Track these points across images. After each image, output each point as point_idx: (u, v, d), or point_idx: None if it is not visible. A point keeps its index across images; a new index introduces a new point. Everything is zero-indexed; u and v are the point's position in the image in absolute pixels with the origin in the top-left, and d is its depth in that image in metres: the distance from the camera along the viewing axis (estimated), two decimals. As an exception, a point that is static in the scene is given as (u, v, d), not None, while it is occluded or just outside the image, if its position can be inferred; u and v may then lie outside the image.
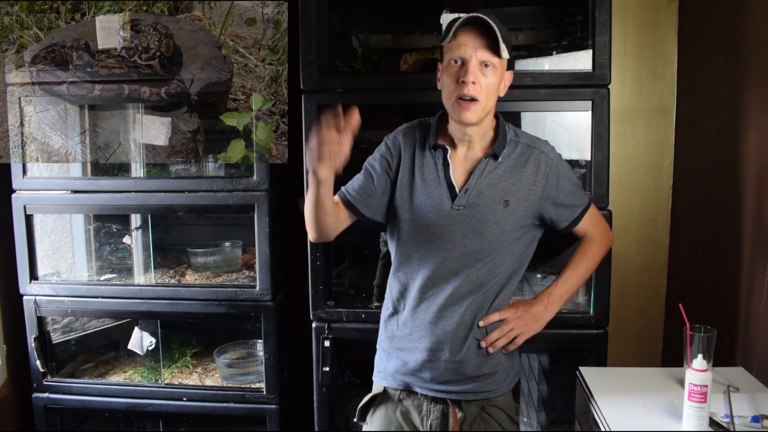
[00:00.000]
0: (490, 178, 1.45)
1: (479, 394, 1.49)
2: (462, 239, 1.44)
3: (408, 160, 1.49)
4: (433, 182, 1.46)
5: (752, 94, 1.78)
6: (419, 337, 1.48)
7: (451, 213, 1.44)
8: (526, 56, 2.07)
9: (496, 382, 1.51)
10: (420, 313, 1.48)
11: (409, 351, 1.49)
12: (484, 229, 1.43)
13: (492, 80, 1.38)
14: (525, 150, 1.48)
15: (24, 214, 2.21)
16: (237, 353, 2.40)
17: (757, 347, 1.72)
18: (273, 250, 2.09)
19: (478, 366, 1.48)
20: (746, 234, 1.80)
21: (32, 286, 2.26)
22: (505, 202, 1.44)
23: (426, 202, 1.46)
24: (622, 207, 2.36)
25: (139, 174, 2.26)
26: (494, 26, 1.33)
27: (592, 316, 1.92)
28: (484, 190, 1.44)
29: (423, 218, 1.46)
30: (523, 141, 1.49)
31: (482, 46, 1.36)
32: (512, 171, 1.46)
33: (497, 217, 1.44)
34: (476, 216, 1.44)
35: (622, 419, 1.39)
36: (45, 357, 2.28)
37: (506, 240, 1.46)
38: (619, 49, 2.29)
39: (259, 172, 2.06)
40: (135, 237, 2.42)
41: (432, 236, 1.45)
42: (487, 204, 1.44)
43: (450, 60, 1.39)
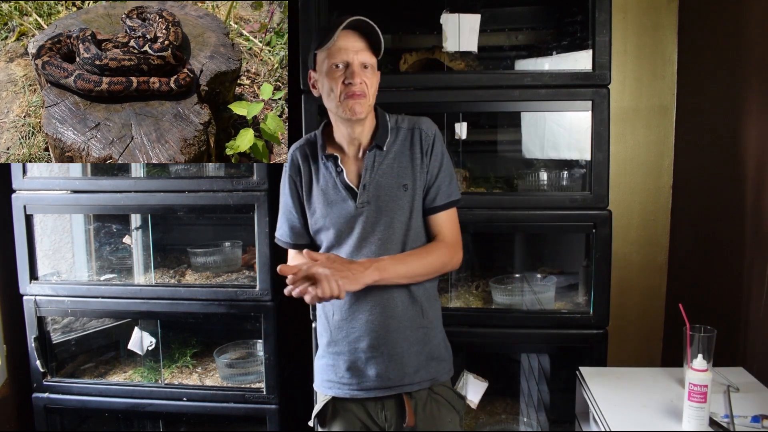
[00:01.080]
0: (382, 168, 1.47)
1: (424, 384, 1.50)
2: (374, 233, 1.46)
3: (306, 176, 1.53)
4: (333, 190, 1.49)
5: (752, 94, 1.78)
6: (357, 338, 1.49)
7: (358, 212, 1.46)
8: (526, 56, 2.07)
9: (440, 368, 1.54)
10: (355, 314, 1.48)
11: (348, 353, 1.50)
12: (392, 219, 1.46)
13: (372, 80, 1.44)
14: (407, 133, 1.51)
15: (24, 214, 2.21)
16: (237, 353, 2.40)
17: (757, 347, 1.72)
18: (273, 250, 2.09)
19: (417, 353, 1.49)
20: (746, 234, 1.80)
21: (32, 286, 2.26)
22: (404, 186, 1.47)
23: (332, 211, 1.48)
24: (622, 207, 2.37)
25: (139, 174, 2.26)
26: (377, 29, 1.39)
27: (592, 316, 1.92)
28: (381, 182, 1.47)
29: (334, 225, 1.48)
30: (405, 125, 1.52)
31: (363, 48, 1.41)
32: (401, 155, 1.49)
33: (401, 204, 1.46)
34: (381, 208, 1.46)
35: (622, 419, 1.39)
36: (45, 357, 2.28)
37: (414, 223, 1.48)
38: (619, 49, 2.29)
39: (259, 172, 2.06)
40: (135, 237, 2.42)
41: (348, 239, 1.47)
42: (387, 193, 1.46)
43: (331, 65, 1.41)
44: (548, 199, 1.95)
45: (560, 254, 2.31)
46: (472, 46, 1.91)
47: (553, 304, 2.05)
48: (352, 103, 1.40)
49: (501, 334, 1.96)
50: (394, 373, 1.47)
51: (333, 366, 1.54)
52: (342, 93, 1.41)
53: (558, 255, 2.31)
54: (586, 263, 2.00)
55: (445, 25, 1.90)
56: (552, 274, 2.16)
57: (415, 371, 1.49)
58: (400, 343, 1.47)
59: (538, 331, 1.96)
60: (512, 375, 2.34)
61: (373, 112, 1.52)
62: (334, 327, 1.52)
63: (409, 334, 1.48)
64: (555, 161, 2.06)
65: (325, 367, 1.57)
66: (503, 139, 2.25)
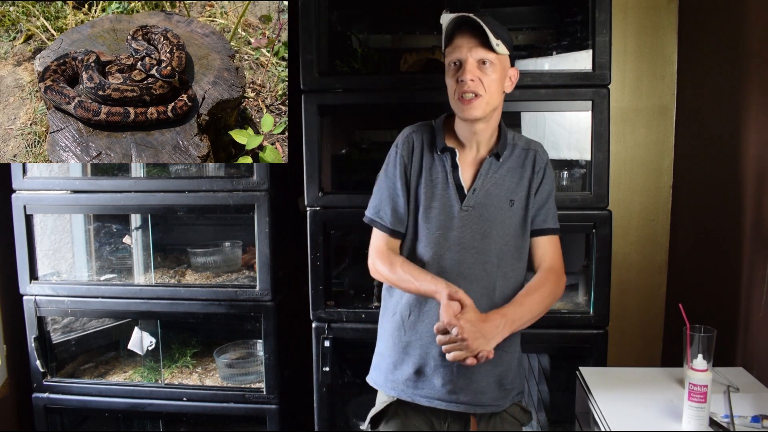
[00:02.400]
0: (495, 178, 1.47)
1: (488, 408, 1.46)
2: (471, 240, 1.44)
3: (417, 163, 1.50)
4: (442, 184, 1.47)
5: (752, 94, 1.78)
6: (429, 342, 1.44)
7: (461, 214, 1.44)
8: (526, 56, 2.07)
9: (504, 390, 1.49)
10: (428, 317, 1.45)
11: (419, 357, 1.46)
12: (491, 230, 1.44)
13: (492, 76, 1.39)
14: (522, 152, 1.51)
15: (24, 214, 2.21)
16: (237, 353, 2.40)
17: (757, 347, 1.72)
18: (273, 250, 2.09)
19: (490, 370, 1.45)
20: (746, 234, 1.80)
21: (32, 286, 2.26)
22: (511, 201, 1.46)
23: (435, 205, 1.46)
24: (622, 207, 2.37)
25: (139, 174, 2.26)
26: (482, 24, 1.35)
27: (592, 316, 1.92)
28: (491, 190, 1.46)
29: (433, 221, 1.46)
30: (521, 144, 1.52)
31: (476, 45, 1.38)
32: (513, 171, 1.48)
33: (503, 217, 1.45)
34: (484, 216, 1.44)
35: (622, 419, 1.39)
36: (45, 357, 2.28)
37: (512, 239, 1.46)
38: (619, 49, 2.29)
39: (259, 172, 2.07)
40: (135, 237, 2.42)
41: (441, 238, 1.45)
42: (494, 204, 1.45)
43: (450, 63, 1.42)
44: (548, 199, 1.95)
45: (562, 255, 2.30)
46: (472, 46, 1.91)
47: (553, 304, 2.04)
48: (464, 107, 1.39)
49: (501, 334, 1.96)
50: (461, 386, 1.43)
51: (400, 365, 1.49)
52: (456, 92, 1.40)
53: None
54: (586, 263, 2.00)
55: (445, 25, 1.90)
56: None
57: (482, 392, 1.44)
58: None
59: (538, 331, 1.95)
60: (512, 375, 2.34)
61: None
62: (408, 326, 1.48)
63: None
64: (555, 161, 2.06)
65: (390, 365, 1.51)
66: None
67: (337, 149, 2.24)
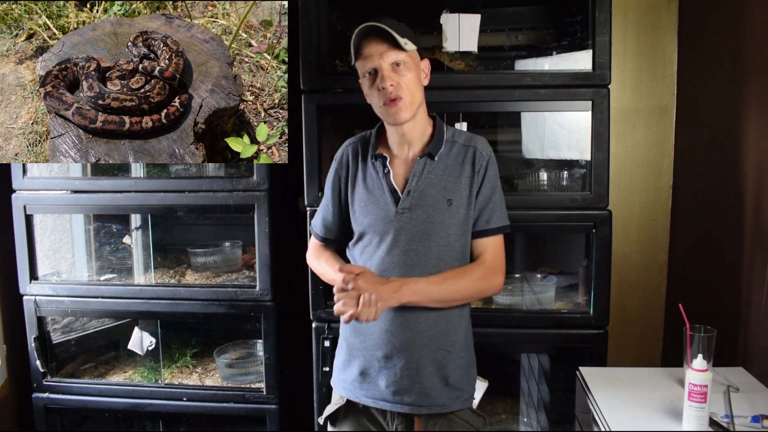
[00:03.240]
0: (430, 178, 1.45)
1: (434, 408, 1.46)
2: (410, 242, 1.43)
3: (353, 173, 1.53)
4: (377, 190, 1.48)
5: (752, 94, 1.78)
6: (373, 345, 1.47)
7: (397, 217, 1.44)
8: (526, 56, 2.07)
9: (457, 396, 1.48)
10: (376, 321, 1.42)
11: (363, 358, 1.48)
12: (430, 231, 1.43)
13: (408, 75, 1.41)
14: (462, 149, 1.49)
15: (24, 214, 2.22)
16: (237, 353, 2.40)
17: (757, 347, 1.72)
18: (273, 250, 2.09)
19: (436, 373, 1.45)
20: (746, 234, 1.80)
21: (32, 286, 2.26)
22: (448, 201, 1.44)
23: (372, 210, 1.47)
24: (622, 207, 2.37)
25: (139, 174, 2.26)
26: (386, 27, 1.37)
27: (592, 316, 1.92)
28: (426, 191, 1.45)
29: (372, 226, 1.47)
30: (461, 141, 1.50)
31: (386, 49, 1.39)
32: (451, 170, 1.47)
33: (442, 217, 1.44)
34: (421, 218, 1.44)
35: (622, 419, 1.39)
36: (45, 357, 2.28)
37: (452, 240, 1.45)
38: (619, 49, 2.29)
39: (259, 172, 2.07)
40: (135, 237, 2.42)
41: (381, 243, 1.46)
42: (430, 204, 1.44)
43: (364, 74, 1.44)
44: (548, 199, 1.95)
45: (560, 254, 2.31)
46: (472, 46, 1.91)
47: (553, 304, 2.05)
48: (392, 110, 1.40)
49: (501, 334, 1.96)
50: (405, 388, 1.44)
51: (347, 366, 1.53)
52: (380, 101, 1.41)
53: (558, 255, 2.31)
54: (586, 263, 2.00)
55: (445, 25, 1.90)
56: (552, 274, 2.17)
57: (426, 393, 1.44)
58: (415, 360, 1.43)
59: (539, 331, 1.96)
60: (512, 375, 2.34)
61: (431, 120, 1.51)
62: (353, 329, 1.51)
63: (426, 352, 1.44)
64: (555, 161, 2.06)
65: (340, 365, 1.57)
66: (503, 139, 2.24)
67: (337, 149, 2.23)
